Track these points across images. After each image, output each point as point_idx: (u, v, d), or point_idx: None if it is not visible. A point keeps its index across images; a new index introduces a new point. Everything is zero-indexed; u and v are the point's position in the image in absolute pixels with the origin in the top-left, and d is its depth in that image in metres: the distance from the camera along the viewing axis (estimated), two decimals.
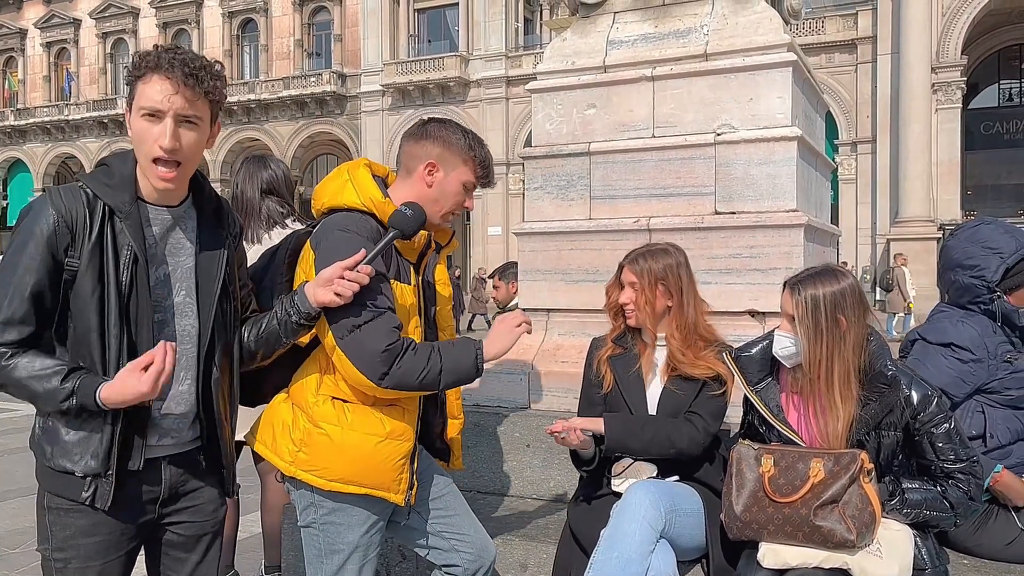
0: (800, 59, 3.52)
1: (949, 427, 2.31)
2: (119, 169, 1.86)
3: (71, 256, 1.78)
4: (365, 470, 2.17)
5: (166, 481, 1.94)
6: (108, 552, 1.88)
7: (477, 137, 2.35)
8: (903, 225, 25.31)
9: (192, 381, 1.94)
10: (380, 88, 35.21)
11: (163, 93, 1.78)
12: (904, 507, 2.30)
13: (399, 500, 2.21)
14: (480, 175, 2.32)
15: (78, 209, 1.78)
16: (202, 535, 2.04)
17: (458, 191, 2.30)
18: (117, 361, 1.79)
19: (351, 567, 2.26)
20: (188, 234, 1.94)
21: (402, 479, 2.20)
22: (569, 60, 3.82)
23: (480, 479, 3.47)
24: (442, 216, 2.32)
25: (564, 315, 3.72)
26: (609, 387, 2.68)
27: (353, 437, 2.15)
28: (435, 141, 2.28)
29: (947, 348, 2.75)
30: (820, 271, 2.38)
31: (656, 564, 2.30)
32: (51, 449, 1.83)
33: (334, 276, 2.01)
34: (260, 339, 2.09)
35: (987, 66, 29.38)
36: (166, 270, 1.90)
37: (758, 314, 3.31)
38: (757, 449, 2.36)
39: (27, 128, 43.10)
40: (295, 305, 2.05)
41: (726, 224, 3.37)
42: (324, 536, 2.26)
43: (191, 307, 1.93)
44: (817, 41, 27.52)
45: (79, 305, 1.79)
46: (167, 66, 1.78)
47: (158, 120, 1.79)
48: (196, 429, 1.98)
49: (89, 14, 41.91)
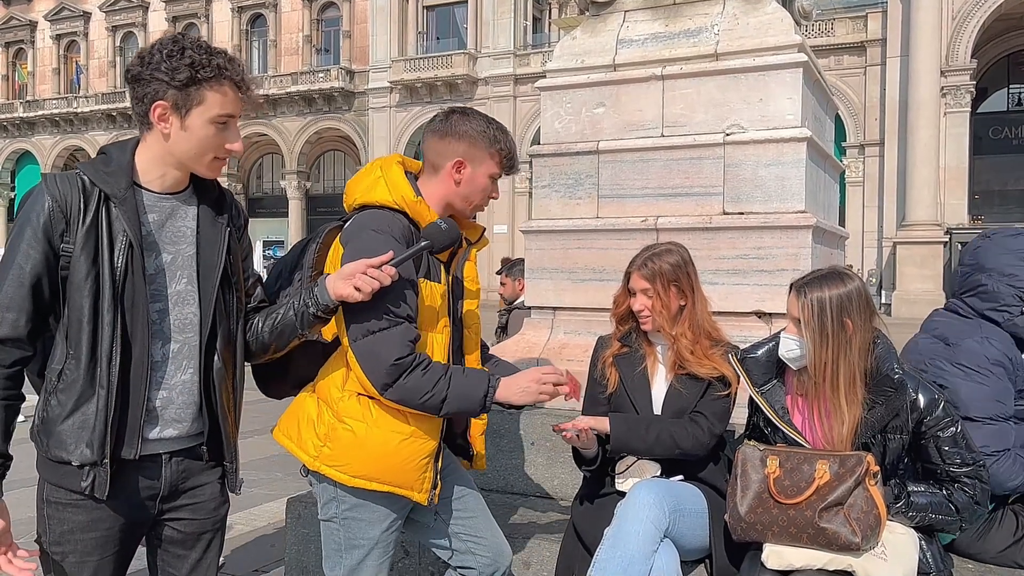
0: (811, 60, 3.51)
1: (955, 431, 2.30)
2: (117, 157, 1.87)
3: (66, 242, 1.78)
4: (389, 467, 2.15)
5: (167, 477, 1.92)
6: (106, 547, 1.87)
7: (500, 127, 2.35)
8: (909, 229, 25.26)
9: (195, 371, 1.93)
10: (388, 85, 35.24)
11: (236, 101, 1.87)
12: (910, 510, 2.29)
13: (422, 499, 2.19)
14: (506, 166, 2.33)
15: (73, 195, 1.79)
16: (202, 533, 2.02)
17: (486, 185, 2.31)
18: (110, 348, 1.78)
19: (370, 563, 2.25)
20: (189, 222, 1.94)
21: (425, 478, 2.19)
22: (579, 59, 3.82)
23: (484, 477, 3.47)
24: (472, 208, 2.34)
25: (570, 314, 3.71)
26: (614, 386, 2.68)
27: (377, 434, 2.14)
28: (460, 138, 2.27)
29: (984, 370, 2.66)
30: (826, 274, 2.38)
31: (659, 564, 2.30)
32: (47, 440, 1.83)
33: (356, 271, 2.00)
34: (275, 330, 2.08)
35: (996, 71, 29.27)
36: (166, 258, 1.89)
37: (765, 315, 3.31)
38: (763, 450, 2.35)
39: (36, 120, 43.30)
40: (314, 296, 2.04)
41: (734, 225, 3.36)
42: (345, 531, 2.25)
43: (192, 295, 1.92)
44: (826, 43, 27.49)
45: (72, 290, 1.79)
46: (239, 76, 1.86)
47: (227, 126, 1.87)
48: (200, 423, 1.96)
49: (99, 7, 42.10)
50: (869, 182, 27.56)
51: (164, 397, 1.89)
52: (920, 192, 25.19)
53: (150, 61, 1.81)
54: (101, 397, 1.79)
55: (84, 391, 1.80)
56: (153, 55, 1.81)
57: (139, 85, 1.82)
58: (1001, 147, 29.17)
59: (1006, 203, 28.64)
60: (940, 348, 2.81)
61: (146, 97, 1.82)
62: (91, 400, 1.79)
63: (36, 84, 44.47)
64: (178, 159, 1.88)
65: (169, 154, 1.87)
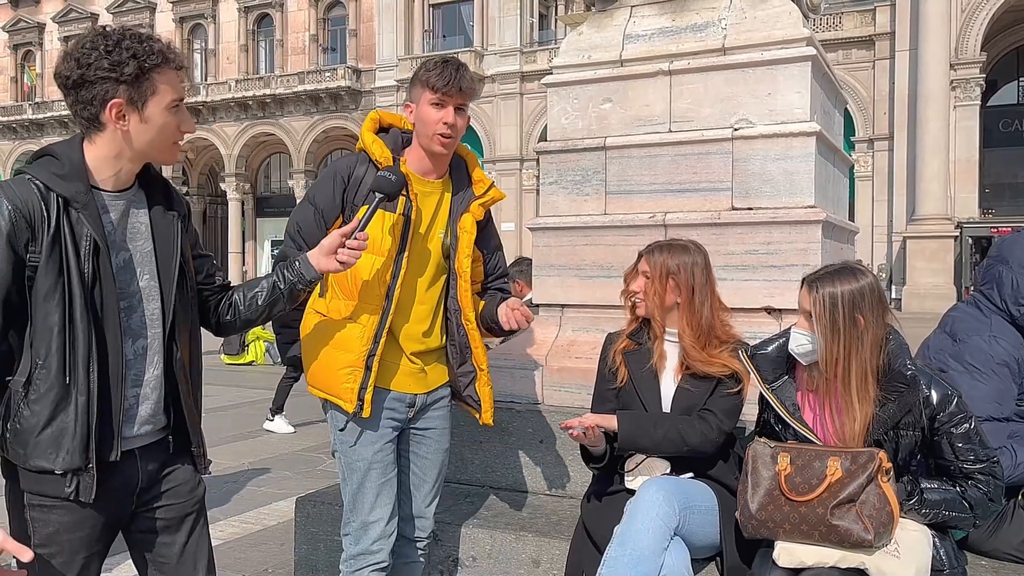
0: (819, 53, 3.48)
1: (969, 427, 2.27)
2: (68, 159, 1.81)
3: (32, 252, 1.74)
4: (321, 375, 2.51)
5: (142, 471, 1.94)
6: (92, 545, 1.89)
7: (434, 59, 2.56)
8: (920, 223, 25.12)
9: (161, 364, 1.95)
10: (395, 83, 35.23)
11: (180, 83, 1.95)
12: (923, 507, 2.27)
13: (349, 408, 2.45)
14: (436, 83, 2.47)
15: (33, 202, 1.74)
16: (185, 515, 2.03)
17: (428, 111, 2.48)
18: (87, 354, 1.77)
19: (370, 484, 2.51)
20: (142, 218, 1.94)
21: (349, 388, 2.44)
22: (585, 54, 3.80)
23: (493, 475, 3.46)
24: (431, 139, 2.49)
25: (578, 311, 3.70)
26: (623, 381, 2.67)
27: (313, 345, 2.53)
28: (409, 88, 2.60)
29: (987, 369, 2.65)
30: (839, 269, 2.35)
31: (669, 561, 2.29)
32: (24, 452, 1.79)
33: (335, 245, 2.18)
34: (260, 308, 2.19)
35: (1006, 63, 29.08)
36: (127, 256, 1.90)
37: (774, 311, 3.28)
38: (773, 447, 2.33)
39: (45, 122, 43.45)
40: (299, 274, 2.18)
41: (743, 220, 3.34)
42: (344, 457, 2.55)
43: (155, 290, 1.94)
44: (835, 37, 27.35)
45: (39, 299, 1.75)
46: (177, 58, 1.92)
47: (179, 109, 1.91)
48: (167, 415, 1.99)
49: (106, 9, 42.24)
50: (878, 176, 27.42)
51: (138, 394, 1.91)
52: (930, 186, 25.04)
53: (88, 62, 1.75)
54: (80, 404, 1.77)
55: (60, 399, 1.77)
56: (89, 55, 1.76)
57: (83, 89, 1.77)
58: (1011, 140, 28.97)
59: (1017, 196, 28.45)
60: (948, 343, 2.80)
61: (95, 99, 1.78)
62: (68, 407, 1.77)
63: (45, 86, 44.63)
64: (138, 152, 1.87)
65: (128, 149, 1.85)
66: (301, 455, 7.35)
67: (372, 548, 2.50)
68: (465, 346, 2.62)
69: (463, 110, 2.53)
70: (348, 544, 2.55)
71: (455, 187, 2.63)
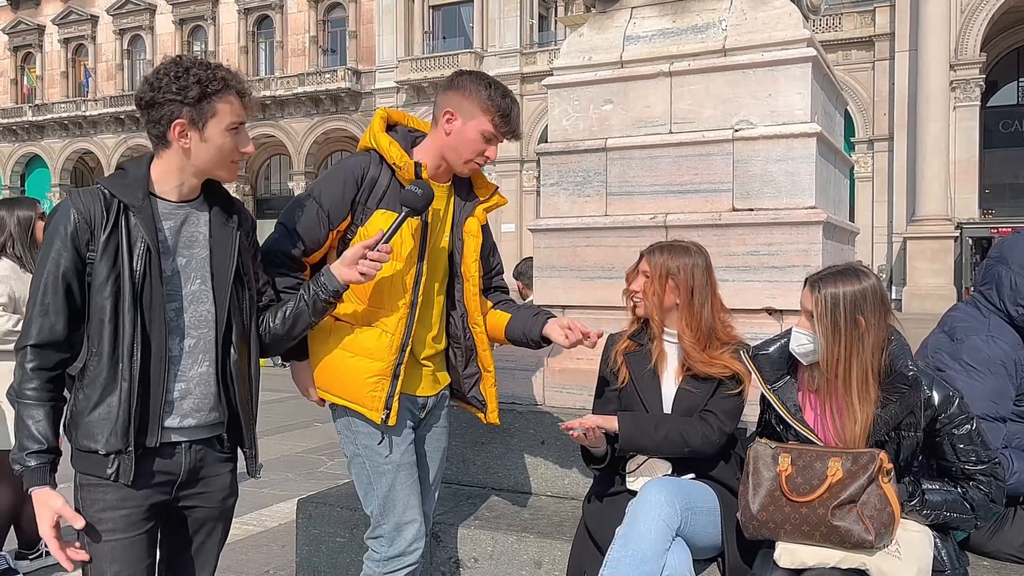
0: (820, 54, 3.48)
1: (971, 428, 2.27)
2: (133, 171, 2.06)
3: (91, 250, 1.95)
4: (344, 383, 2.44)
5: (185, 464, 2.07)
6: (131, 527, 2.01)
7: (502, 88, 2.45)
8: (920, 224, 25.10)
9: (211, 363, 2.10)
10: (395, 85, 35.26)
11: (242, 108, 2.09)
12: (924, 508, 2.27)
13: (376, 417, 2.41)
14: (499, 124, 2.41)
15: (95, 207, 1.96)
16: (207, 519, 2.18)
17: (476, 139, 2.42)
18: (131, 345, 1.95)
19: (401, 485, 2.47)
20: (201, 227, 2.11)
21: (376, 396, 2.40)
22: (586, 56, 3.80)
23: (495, 476, 3.46)
24: (464, 163, 2.47)
25: (579, 312, 3.70)
26: (624, 382, 2.67)
27: (336, 352, 2.45)
28: (457, 90, 2.44)
29: (984, 368, 2.65)
30: (842, 270, 2.35)
31: (671, 562, 2.29)
32: (76, 432, 1.99)
33: (357, 256, 2.21)
34: (287, 320, 2.28)
35: (1006, 64, 29.07)
36: (181, 261, 2.06)
37: (775, 312, 3.29)
38: (774, 448, 2.33)
39: (45, 124, 43.46)
40: (323, 285, 2.27)
41: (744, 221, 3.34)
42: (369, 461, 2.48)
43: (207, 294, 2.09)
44: (834, 38, 27.35)
45: (95, 292, 1.95)
46: (240, 85, 2.07)
47: (238, 131, 2.07)
48: (219, 412, 2.12)
49: (106, 10, 42.20)
50: (879, 177, 27.40)
51: (182, 388, 2.05)
52: (930, 186, 25.02)
53: (159, 86, 1.97)
54: (124, 390, 1.94)
55: (107, 385, 1.95)
56: (161, 80, 1.97)
57: (153, 109, 1.99)
58: (1011, 140, 28.95)
59: (1017, 197, 28.43)
60: (946, 342, 2.80)
61: (163, 119, 1.99)
62: (114, 393, 1.95)
63: (45, 88, 44.67)
64: (199, 168, 2.05)
65: (190, 165, 2.04)
66: (302, 457, 7.36)
67: (409, 549, 2.49)
68: (471, 348, 2.62)
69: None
70: (381, 547, 2.51)
71: (458, 190, 2.63)
